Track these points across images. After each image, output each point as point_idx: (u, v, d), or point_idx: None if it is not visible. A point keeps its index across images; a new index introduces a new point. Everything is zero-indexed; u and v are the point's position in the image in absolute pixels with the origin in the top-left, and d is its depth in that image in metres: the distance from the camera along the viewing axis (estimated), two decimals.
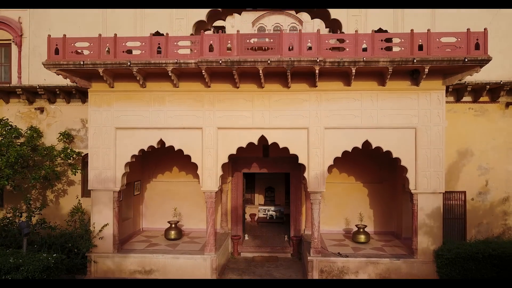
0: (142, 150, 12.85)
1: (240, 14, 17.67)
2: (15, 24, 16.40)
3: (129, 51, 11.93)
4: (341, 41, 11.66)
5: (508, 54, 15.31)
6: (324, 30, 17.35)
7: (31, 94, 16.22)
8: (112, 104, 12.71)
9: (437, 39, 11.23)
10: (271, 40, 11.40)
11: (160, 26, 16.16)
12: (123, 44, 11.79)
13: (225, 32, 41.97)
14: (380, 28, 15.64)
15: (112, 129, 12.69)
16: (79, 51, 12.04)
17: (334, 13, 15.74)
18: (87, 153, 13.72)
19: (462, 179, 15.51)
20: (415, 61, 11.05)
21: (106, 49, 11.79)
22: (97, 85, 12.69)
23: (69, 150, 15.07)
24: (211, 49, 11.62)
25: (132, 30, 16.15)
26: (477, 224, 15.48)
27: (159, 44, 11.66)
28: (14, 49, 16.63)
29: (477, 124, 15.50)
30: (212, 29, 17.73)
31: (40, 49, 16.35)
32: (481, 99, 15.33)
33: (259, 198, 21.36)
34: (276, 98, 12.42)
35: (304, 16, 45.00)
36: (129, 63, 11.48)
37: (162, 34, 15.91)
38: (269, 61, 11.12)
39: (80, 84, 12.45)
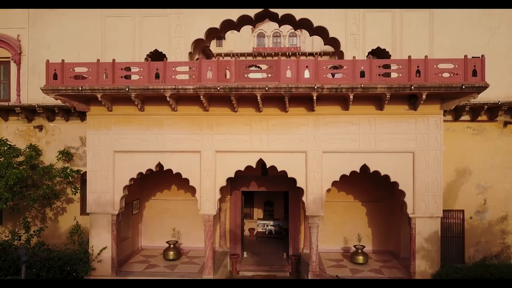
0: (140, 173, 12.88)
1: (238, 31, 17.59)
2: (14, 42, 16.41)
3: (128, 73, 11.94)
4: (339, 67, 11.68)
5: (505, 73, 15.33)
6: (323, 47, 17.34)
7: (30, 112, 16.25)
8: (110, 127, 12.74)
9: (435, 66, 11.24)
10: (269, 67, 11.41)
11: (158, 45, 16.19)
12: (121, 69, 11.81)
13: (224, 38, 41.83)
14: (378, 47, 15.70)
15: (111, 152, 12.72)
16: (78, 73, 12.06)
17: (333, 31, 15.79)
18: (86, 171, 13.75)
19: (460, 197, 15.52)
20: (412, 87, 11.08)
21: (104, 75, 11.80)
22: (96, 108, 12.72)
23: (69, 170, 15.08)
24: (209, 65, 11.65)
25: (130, 48, 16.17)
26: (476, 242, 15.50)
27: (157, 69, 11.67)
28: (13, 66, 16.65)
29: (475, 143, 15.52)
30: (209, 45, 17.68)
31: (39, 67, 16.36)
32: (479, 118, 15.35)
33: (258, 212, 21.40)
34: (274, 121, 12.45)
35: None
36: (127, 89, 11.51)
37: (161, 53, 16.09)
38: (267, 88, 11.15)
39: (79, 108, 12.48)
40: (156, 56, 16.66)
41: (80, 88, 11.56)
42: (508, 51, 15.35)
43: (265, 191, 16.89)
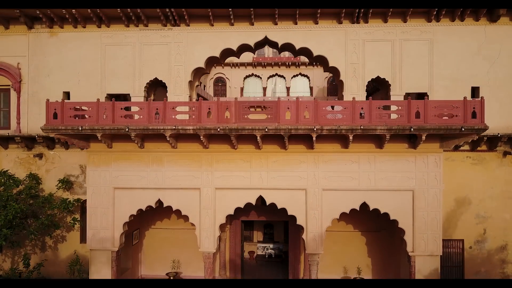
0: (140, 210, 12.88)
1: (238, 57, 17.60)
2: (13, 70, 16.43)
3: (128, 113, 11.96)
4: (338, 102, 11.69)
5: (505, 103, 15.35)
6: (323, 74, 17.27)
7: (29, 141, 16.26)
8: (110, 164, 12.76)
9: (434, 107, 11.25)
10: (269, 108, 11.42)
11: (158, 73, 16.22)
12: (121, 108, 11.82)
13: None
14: (378, 76, 15.73)
15: (111, 189, 12.74)
16: (78, 112, 12.08)
17: (333, 60, 15.83)
18: (86, 199, 13.74)
19: (460, 227, 15.54)
20: (412, 129, 11.09)
21: (104, 115, 11.82)
22: (96, 145, 12.73)
23: (68, 201, 15.08)
24: (209, 106, 11.68)
25: (130, 76, 16.21)
26: (475, 272, 15.52)
27: (157, 109, 11.69)
28: (13, 94, 16.67)
29: (475, 172, 15.54)
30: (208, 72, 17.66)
31: (39, 95, 16.40)
32: (479, 148, 15.38)
33: (257, 235, 21.41)
34: (273, 159, 12.47)
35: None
36: (127, 129, 11.53)
37: (161, 81, 16.13)
38: (266, 129, 11.18)
39: (79, 145, 12.50)
40: (156, 84, 16.72)
41: (80, 128, 11.58)
42: (507, 80, 15.37)
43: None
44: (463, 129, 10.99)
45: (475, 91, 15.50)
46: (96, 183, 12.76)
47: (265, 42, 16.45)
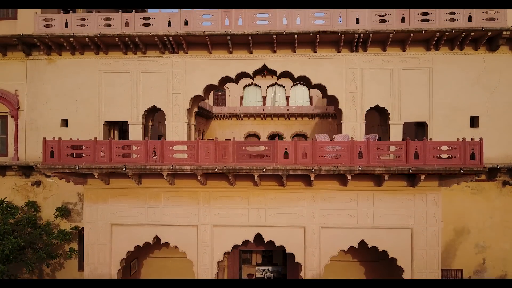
0: (137, 246, 12.82)
1: (237, 83, 17.53)
2: (11, 98, 16.36)
3: (125, 151, 11.89)
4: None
5: (504, 132, 15.30)
6: (321, 100, 17.11)
7: (27, 168, 16.19)
8: (107, 201, 12.69)
9: (433, 148, 11.18)
10: (266, 148, 11.36)
11: (156, 101, 16.20)
12: (118, 147, 11.75)
13: None
14: (377, 105, 15.69)
15: (108, 225, 12.68)
16: (75, 150, 12.02)
17: (331, 89, 15.81)
18: (84, 227, 13.64)
19: (459, 256, 15.49)
20: (410, 170, 11.03)
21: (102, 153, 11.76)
22: (93, 181, 12.66)
23: (66, 231, 15.03)
24: (207, 146, 11.62)
25: (128, 104, 16.18)
26: None
27: (154, 148, 11.62)
28: (10, 121, 16.60)
29: (474, 202, 15.48)
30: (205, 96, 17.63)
31: (37, 123, 16.36)
32: (478, 178, 15.26)
33: (256, 257, 21.28)
34: (272, 196, 12.41)
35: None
36: (124, 168, 11.46)
37: (159, 109, 16.08)
38: (264, 170, 11.11)
39: (76, 182, 12.43)
40: (155, 109, 16.65)
41: (77, 168, 11.51)
42: (507, 109, 15.32)
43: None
44: (462, 171, 10.93)
45: (474, 120, 15.46)
46: (94, 220, 12.69)
47: (264, 69, 16.39)
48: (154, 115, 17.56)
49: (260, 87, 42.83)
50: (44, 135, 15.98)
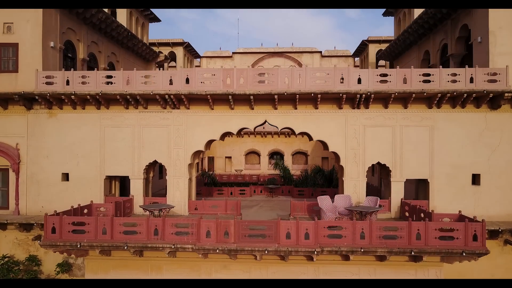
0: None
1: (236, 134, 17.50)
2: (12, 151, 16.34)
3: (126, 229, 11.88)
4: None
5: (506, 190, 15.29)
6: (323, 152, 17.00)
7: (28, 224, 16.14)
8: (109, 272, 12.71)
9: (435, 229, 11.17)
10: (266, 228, 11.35)
11: (157, 155, 16.22)
12: (120, 224, 11.73)
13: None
14: (378, 162, 15.67)
15: None
16: (75, 227, 12.02)
17: (333, 145, 15.81)
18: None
19: None
20: (412, 252, 11.02)
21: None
22: (94, 253, 12.62)
23: None
24: (208, 225, 11.61)
25: (129, 159, 16.20)
26: None
27: (156, 226, 11.61)
28: (11, 174, 16.57)
29: (475, 262, 15.39)
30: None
31: (38, 177, 16.35)
32: None
33: None
34: (273, 269, 12.43)
35: (304, 58, 44.98)
36: (126, 247, 11.45)
37: (160, 164, 16.05)
38: (266, 251, 11.11)
39: (77, 255, 12.49)
40: (154, 163, 16.64)
41: (78, 245, 11.50)
42: (508, 168, 15.32)
43: None
44: (464, 254, 10.92)
45: (476, 178, 15.45)
46: None
47: (265, 122, 16.35)
48: (155, 166, 17.54)
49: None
50: (45, 189, 16.18)
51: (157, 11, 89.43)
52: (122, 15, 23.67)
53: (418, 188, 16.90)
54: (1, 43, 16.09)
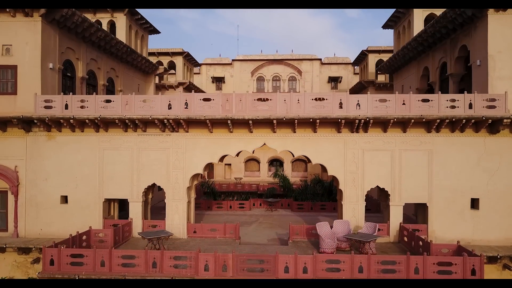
0: None
1: (236, 156, 17.46)
2: (11, 174, 16.34)
3: (126, 261, 11.89)
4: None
5: (504, 215, 15.29)
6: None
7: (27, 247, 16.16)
8: None
9: (433, 263, 11.18)
10: (267, 262, 11.36)
11: (156, 178, 16.24)
12: (118, 256, 11.73)
13: (224, 82, 41.78)
14: (377, 186, 15.67)
15: None
16: (74, 259, 12.03)
17: (332, 169, 15.83)
18: None
19: None
20: None
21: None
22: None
23: None
24: (207, 258, 11.63)
25: (128, 181, 16.21)
26: None
27: (154, 258, 11.61)
28: (10, 196, 16.57)
29: None
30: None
31: (36, 199, 16.35)
32: None
33: None
34: None
35: (303, 65, 45.03)
36: (124, 277, 11.45)
37: (159, 186, 16.05)
38: None
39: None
40: (153, 185, 16.64)
41: (77, 277, 11.51)
42: (507, 192, 15.31)
43: None
44: None
45: (475, 202, 15.46)
46: None
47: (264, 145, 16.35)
48: (154, 188, 17.54)
49: None
50: (44, 212, 16.20)
51: (156, 23, 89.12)
52: (121, 29, 23.64)
53: (417, 210, 16.91)
54: (0, 65, 16.07)
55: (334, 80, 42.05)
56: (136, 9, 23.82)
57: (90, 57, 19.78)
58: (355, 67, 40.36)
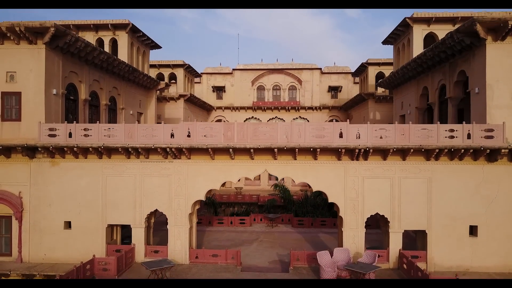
0: None
1: (236, 181, 17.65)
2: (15, 200, 16.51)
3: None
4: None
5: (502, 242, 15.46)
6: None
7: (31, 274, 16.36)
8: None
9: None
10: None
11: (159, 204, 16.42)
12: None
13: (224, 91, 41.76)
14: (377, 213, 15.87)
15: None
16: None
17: (332, 196, 16.02)
18: None
19: None
20: None
21: None
22: None
23: None
24: None
25: (131, 208, 16.39)
26: None
27: None
28: (14, 222, 16.75)
29: None
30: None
31: (40, 225, 16.53)
32: None
33: None
34: None
35: (304, 75, 45.10)
36: None
37: (161, 212, 16.23)
38: None
39: None
40: (155, 210, 16.82)
41: None
42: (505, 219, 15.49)
43: None
44: None
45: (473, 229, 15.64)
46: None
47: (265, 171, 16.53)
48: (156, 212, 17.71)
49: (261, 120, 42.97)
50: (47, 237, 16.40)
51: (157, 23, 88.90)
52: (123, 47, 23.84)
53: (417, 235, 17.08)
54: (5, 91, 16.27)
55: (334, 89, 42.12)
56: (138, 27, 24.00)
57: (93, 78, 19.95)
58: (355, 78, 40.47)
